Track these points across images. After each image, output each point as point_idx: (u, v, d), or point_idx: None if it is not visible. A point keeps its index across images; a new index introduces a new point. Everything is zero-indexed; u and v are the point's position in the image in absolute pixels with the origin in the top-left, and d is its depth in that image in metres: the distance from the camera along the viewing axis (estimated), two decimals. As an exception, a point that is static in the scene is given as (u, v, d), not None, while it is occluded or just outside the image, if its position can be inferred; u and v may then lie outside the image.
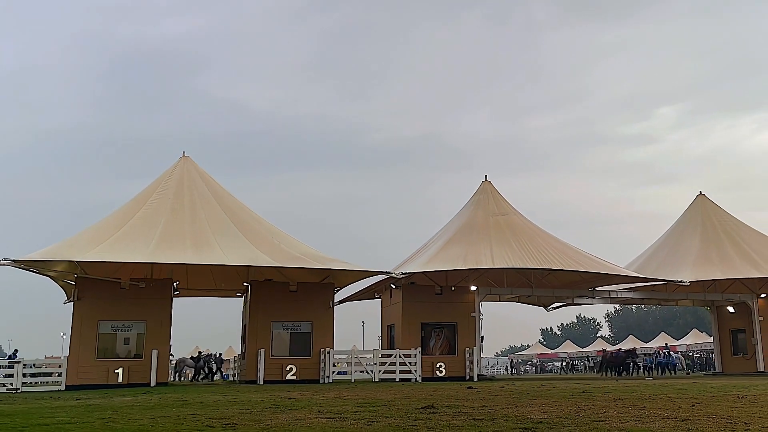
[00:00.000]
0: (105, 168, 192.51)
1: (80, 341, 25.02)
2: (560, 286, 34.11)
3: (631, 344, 61.93)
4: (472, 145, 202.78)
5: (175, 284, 28.28)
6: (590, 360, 64.66)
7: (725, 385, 17.44)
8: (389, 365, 27.61)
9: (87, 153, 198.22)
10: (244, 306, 30.15)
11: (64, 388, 23.54)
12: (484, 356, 43.58)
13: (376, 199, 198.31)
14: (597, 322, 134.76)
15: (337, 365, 29.58)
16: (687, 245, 34.94)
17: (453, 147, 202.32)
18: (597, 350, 66.35)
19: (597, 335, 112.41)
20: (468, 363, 29.41)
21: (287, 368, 26.84)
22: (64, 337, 58.77)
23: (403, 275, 28.26)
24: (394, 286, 30.43)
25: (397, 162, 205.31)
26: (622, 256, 51.53)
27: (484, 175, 33.69)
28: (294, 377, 26.69)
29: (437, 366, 29.09)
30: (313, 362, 27.27)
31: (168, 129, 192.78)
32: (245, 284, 29.48)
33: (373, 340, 56.51)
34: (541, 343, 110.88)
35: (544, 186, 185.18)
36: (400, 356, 27.87)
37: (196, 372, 37.51)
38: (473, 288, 30.68)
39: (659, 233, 38.81)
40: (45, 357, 53.27)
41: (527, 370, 75.87)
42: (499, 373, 60.53)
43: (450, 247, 29.65)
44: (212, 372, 38.01)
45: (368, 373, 27.86)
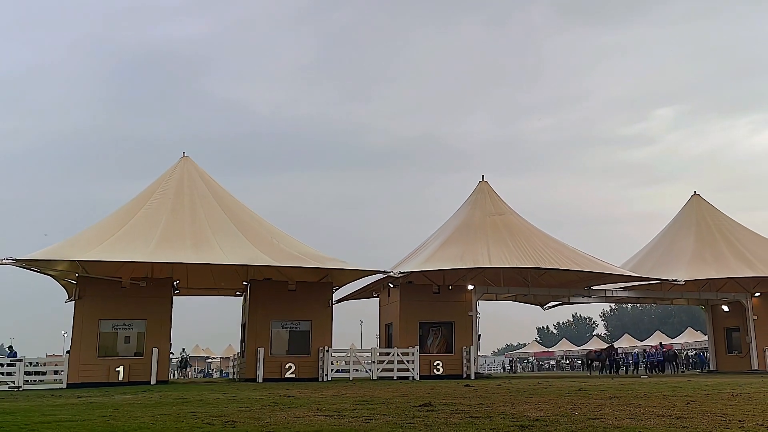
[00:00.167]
0: (107, 169, 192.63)
1: (81, 340, 25.16)
2: (556, 285, 34.26)
3: (627, 343, 62.26)
4: (472, 146, 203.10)
5: (176, 283, 28.46)
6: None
7: (719, 383, 17.48)
8: (387, 363, 27.77)
9: (90, 154, 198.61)
10: (244, 305, 30.29)
11: (66, 387, 23.66)
12: (481, 354, 43.84)
13: (376, 199, 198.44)
14: (593, 321, 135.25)
15: (336, 363, 29.75)
16: (682, 245, 35.11)
17: (452, 148, 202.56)
18: (592, 348, 66.68)
19: (593, 334, 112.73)
20: (465, 361, 29.55)
21: (286, 366, 26.97)
22: (66, 336, 59.03)
23: (401, 274, 28.41)
24: (392, 285, 30.60)
25: (397, 162, 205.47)
26: (619, 256, 51.84)
27: (481, 176, 33.95)
28: (293, 375, 26.83)
29: (435, 364, 29.24)
30: (312, 360, 27.43)
31: (170, 130, 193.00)
32: (245, 283, 29.64)
33: (371, 339, 56.74)
34: (538, 342, 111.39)
35: (543, 186, 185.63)
36: (398, 354, 28.02)
37: None
38: (470, 287, 30.82)
39: (656, 233, 39.05)
40: (47, 355, 53.30)
41: (524, 368, 76.20)
42: (496, 372, 60.75)
43: (447, 247, 29.80)
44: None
45: (366, 372, 28.03)
